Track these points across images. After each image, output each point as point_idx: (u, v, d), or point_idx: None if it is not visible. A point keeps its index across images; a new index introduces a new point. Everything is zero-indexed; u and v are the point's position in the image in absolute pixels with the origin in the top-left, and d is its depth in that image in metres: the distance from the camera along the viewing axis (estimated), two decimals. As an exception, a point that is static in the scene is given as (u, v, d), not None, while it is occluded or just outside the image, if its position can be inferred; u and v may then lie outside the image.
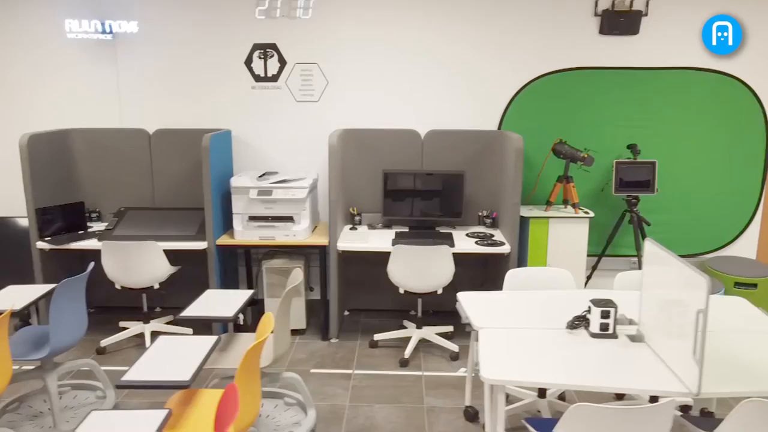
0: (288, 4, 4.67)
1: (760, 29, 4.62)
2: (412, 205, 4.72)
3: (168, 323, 4.61)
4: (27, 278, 4.76)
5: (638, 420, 2.05)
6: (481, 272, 4.88)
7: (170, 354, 2.68)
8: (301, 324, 4.61)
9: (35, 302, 3.34)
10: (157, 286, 4.28)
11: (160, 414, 2.17)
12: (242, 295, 3.40)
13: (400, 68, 4.77)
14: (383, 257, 4.14)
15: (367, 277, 4.83)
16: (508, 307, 3.09)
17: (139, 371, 2.50)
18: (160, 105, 4.86)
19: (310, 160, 4.89)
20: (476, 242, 4.36)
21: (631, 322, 2.81)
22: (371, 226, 4.78)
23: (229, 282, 4.68)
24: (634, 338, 2.68)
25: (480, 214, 4.82)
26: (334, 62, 4.77)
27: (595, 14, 4.61)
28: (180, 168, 4.84)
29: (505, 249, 4.26)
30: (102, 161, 4.84)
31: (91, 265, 3.42)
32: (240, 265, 4.97)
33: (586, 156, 4.43)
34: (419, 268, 4.07)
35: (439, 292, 4.16)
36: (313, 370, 4.04)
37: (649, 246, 2.59)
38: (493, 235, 4.52)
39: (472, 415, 3.43)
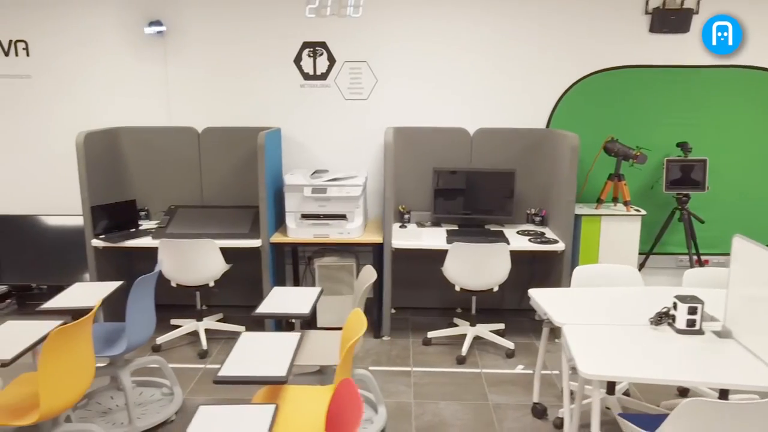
0: (338, 2, 4.68)
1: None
2: (461, 203, 4.73)
3: (218, 321, 4.63)
4: (77, 275, 4.80)
5: (750, 416, 2.06)
6: (527, 269, 4.88)
7: (257, 350, 2.69)
8: (352, 322, 4.62)
9: (106, 299, 3.34)
10: (212, 284, 4.29)
11: (268, 409, 2.18)
12: (311, 293, 3.41)
13: (449, 66, 4.78)
14: (431, 255, 4.17)
15: (412, 275, 4.84)
16: (583, 303, 3.10)
17: (232, 367, 2.52)
18: (209, 103, 4.87)
19: (359, 158, 4.91)
20: (529, 240, 4.37)
21: (712, 319, 2.82)
22: (420, 224, 4.79)
23: (277, 280, 4.68)
24: (721, 334, 2.68)
25: (528, 212, 4.82)
26: (383, 60, 4.78)
27: (646, 12, 4.62)
28: (228, 166, 4.86)
29: (559, 246, 4.27)
30: (151, 159, 4.85)
31: (161, 263, 3.43)
32: (286, 263, 4.98)
33: (638, 154, 4.44)
34: (477, 266, 4.08)
35: (495, 289, 4.18)
36: (371, 368, 4.05)
37: (739, 242, 2.60)
38: (544, 233, 4.53)
39: (540, 411, 3.44)
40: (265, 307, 3.20)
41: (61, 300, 3.32)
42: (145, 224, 4.74)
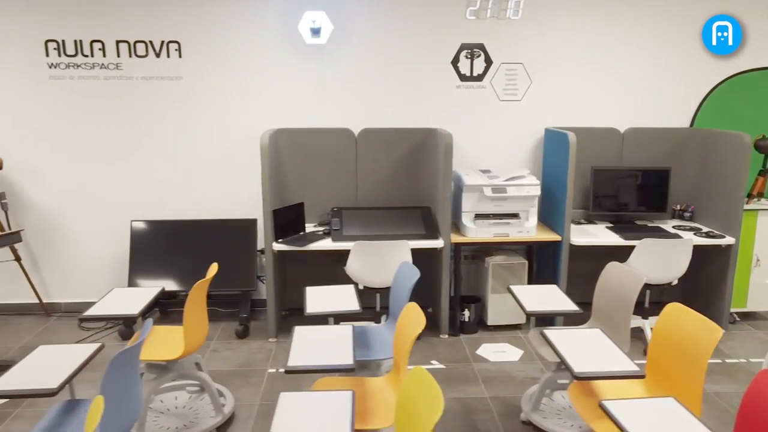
0: (498, 4, 4.75)
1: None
2: (615, 200, 4.87)
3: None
4: (246, 279, 4.72)
5: None
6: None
7: (580, 346, 2.76)
8: (521, 318, 4.70)
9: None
10: (396, 285, 4.29)
11: (667, 401, 2.26)
12: (553, 291, 3.48)
13: (600, 68, 4.91)
14: (584, 251, 4.38)
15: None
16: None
17: (582, 365, 2.58)
18: (364, 104, 4.86)
19: (513, 158, 4.99)
20: (694, 234, 4.55)
21: None
22: (575, 222, 4.91)
23: (454, 279, 4.70)
24: None
25: (674, 207, 5.01)
26: (537, 62, 4.87)
27: (789, 15, 4.87)
28: (385, 167, 4.86)
29: (727, 240, 4.47)
30: (306, 161, 4.81)
31: (410, 267, 3.42)
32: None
33: (792, 151, 4.68)
34: (662, 260, 4.23)
35: (674, 282, 4.34)
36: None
37: None
38: (700, 228, 4.72)
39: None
40: (532, 306, 3.25)
41: (316, 305, 3.28)
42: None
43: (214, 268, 3.36)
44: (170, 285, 4.70)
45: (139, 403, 2.59)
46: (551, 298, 3.40)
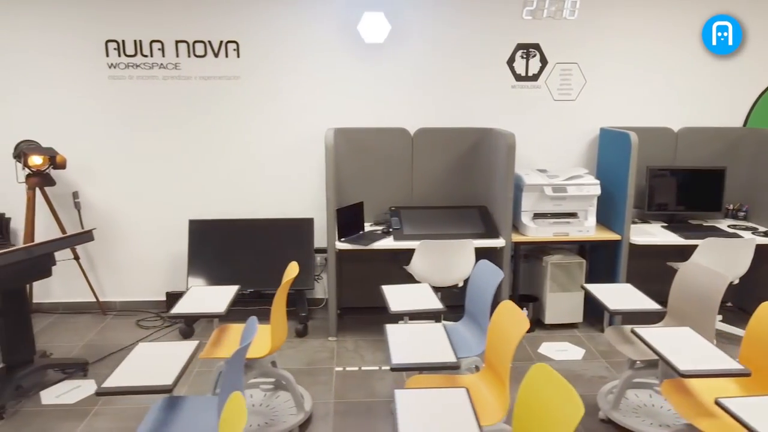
0: (554, 5, 4.76)
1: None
2: (669, 199, 4.89)
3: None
4: (304, 278, 4.73)
5: None
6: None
7: (674, 345, 2.77)
8: (578, 317, 4.71)
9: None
10: (461, 284, 4.31)
11: (788, 399, 2.27)
12: (628, 289, 3.50)
13: (654, 68, 4.92)
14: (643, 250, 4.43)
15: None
16: None
17: (686, 363, 2.59)
18: (421, 104, 4.87)
19: (567, 157, 5.01)
20: (753, 234, 4.56)
21: None
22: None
23: (514, 280, 4.72)
24: None
25: (728, 207, 5.02)
26: (592, 61, 4.89)
27: (844, 16, 4.87)
28: (440, 166, 4.88)
29: (787, 240, 4.49)
30: (363, 160, 4.83)
31: (500, 272, 3.40)
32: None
33: None
34: (725, 259, 4.24)
35: (736, 282, 4.35)
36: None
37: None
38: (756, 227, 4.73)
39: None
40: (614, 305, 3.27)
41: (398, 304, 3.30)
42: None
43: (294, 268, 3.37)
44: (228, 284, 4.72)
45: (243, 401, 2.60)
46: (629, 296, 3.41)
